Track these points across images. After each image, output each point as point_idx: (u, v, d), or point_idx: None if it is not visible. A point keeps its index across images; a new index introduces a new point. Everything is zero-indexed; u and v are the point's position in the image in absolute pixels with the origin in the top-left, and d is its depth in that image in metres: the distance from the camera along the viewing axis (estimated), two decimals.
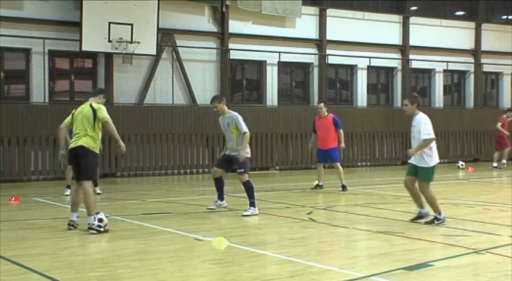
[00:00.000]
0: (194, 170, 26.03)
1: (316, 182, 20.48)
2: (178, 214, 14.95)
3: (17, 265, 9.80)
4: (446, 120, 31.69)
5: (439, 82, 33.42)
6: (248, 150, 15.56)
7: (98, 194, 18.58)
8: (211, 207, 15.73)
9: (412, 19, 31.94)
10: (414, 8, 32.29)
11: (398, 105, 31.70)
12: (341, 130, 19.94)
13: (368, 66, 30.82)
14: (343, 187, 19.66)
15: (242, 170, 15.24)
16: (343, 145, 20.22)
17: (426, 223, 13.98)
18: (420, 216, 14.13)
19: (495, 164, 28.62)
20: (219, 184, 15.78)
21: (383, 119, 30.60)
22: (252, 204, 15.15)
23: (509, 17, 36.58)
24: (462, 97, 34.56)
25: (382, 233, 12.84)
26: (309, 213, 15.34)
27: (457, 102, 34.71)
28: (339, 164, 20.08)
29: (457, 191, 20.76)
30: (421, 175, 13.99)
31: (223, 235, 11.67)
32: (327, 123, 19.84)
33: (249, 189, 15.31)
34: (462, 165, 28.21)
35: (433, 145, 14.11)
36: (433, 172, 14.20)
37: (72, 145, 12.89)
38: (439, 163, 14.56)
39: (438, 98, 33.32)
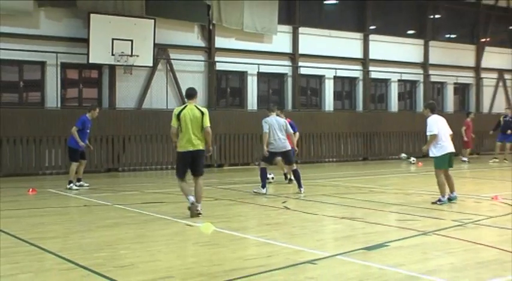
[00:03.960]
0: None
1: (289, 176, 20.55)
2: (172, 203, 14.90)
3: (35, 246, 9.85)
4: (400, 122, 31.85)
5: (394, 90, 33.53)
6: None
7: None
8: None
9: (371, 36, 32.02)
10: (373, 27, 32.32)
11: (360, 110, 31.81)
12: (297, 133, 19.67)
13: (334, 77, 30.89)
14: (286, 176, 19.93)
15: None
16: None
17: (433, 203, 14.76)
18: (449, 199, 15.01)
19: (463, 158, 29.21)
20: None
21: (347, 122, 30.63)
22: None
23: (452, 35, 36.73)
24: (413, 103, 34.69)
25: (346, 219, 12.87)
26: (284, 202, 15.35)
27: (410, 107, 34.83)
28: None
29: (409, 182, 20.84)
30: (434, 164, 15.07)
31: (210, 221, 11.67)
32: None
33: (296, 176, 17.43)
34: (414, 160, 28.29)
35: (440, 138, 14.84)
36: (443, 160, 14.90)
37: None
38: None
39: (394, 104, 33.43)
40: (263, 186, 17.13)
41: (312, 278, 8.15)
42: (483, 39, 37.19)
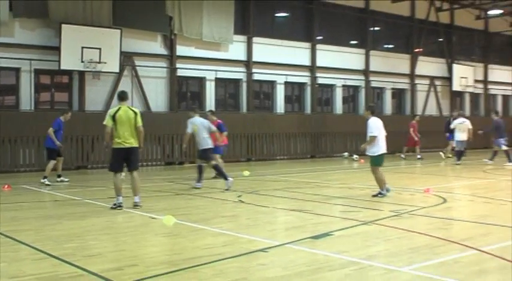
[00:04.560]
0: (149, 163, 25.86)
1: (247, 172, 20.65)
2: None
3: (9, 238, 9.74)
4: (344, 123, 32.07)
5: (338, 95, 33.73)
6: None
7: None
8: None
9: (318, 46, 32.16)
10: (320, 37, 32.45)
11: (308, 112, 31.92)
12: (225, 132, 20.08)
13: (285, 82, 30.97)
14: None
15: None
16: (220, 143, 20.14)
17: (373, 196, 14.95)
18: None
19: (402, 155, 29.52)
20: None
21: (296, 123, 30.74)
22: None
23: (389, 46, 37.07)
24: (356, 106, 34.92)
25: (295, 211, 12.91)
26: (239, 196, 15.36)
27: (352, 110, 35.03)
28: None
29: (352, 177, 21.00)
30: (371, 161, 15.25)
31: (171, 214, 11.63)
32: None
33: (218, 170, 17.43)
34: (356, 157, 28.46)
35: (378, 139, 15.11)
36: (381, 159, 15.24)
37: None
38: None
39: (338, 107, 33.62)
40: (198, 180, 17.27)
41: (263, 264, 8.18)
42: (416, 50, 37.58)
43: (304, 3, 32.04)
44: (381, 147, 15.08)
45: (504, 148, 26.12)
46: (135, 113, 13.24)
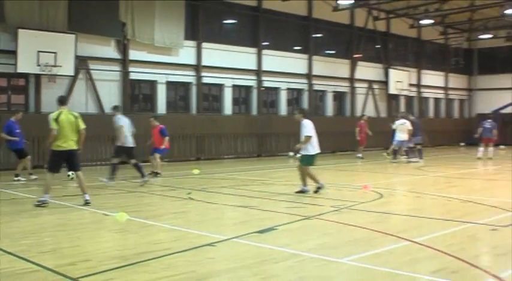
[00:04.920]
0: (103, 163, 25.54)
1: (197, 171, 20.60)
2: (90, 196, 14.61)
3: None
4: (288, 124, 32.01)
5: (283, 97, 33.80)
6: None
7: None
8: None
9: (264, 51, 32.19)
10: (265, 43, 32.48)
11: (254, 114, 31.93)
12: (167, 138, 20.08)
13: (232, 85, 30.93)
14: (156, 173, 19.78)
15: None
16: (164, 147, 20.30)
17: (315, 192, 14.95)
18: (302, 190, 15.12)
19: (359, 154, 29.66)
20: None
21: (243, 124, 30.74)
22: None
23: (331, 51, 37.32)
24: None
25: (242, 207, 12.96)
26: (189, 193, 15.28)
27: None
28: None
29: (296, 175, 20.74)
30: (303, 160, 15.22)
31: (124, 211, 11.54)
32: (156, 131, 20.14)
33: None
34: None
35: (312, 140, 15.07)
36: (313, 158, 15.16)
37: None
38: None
39: (283, 109, 33.67)
40: (111, 179, 17.12)
41: (211, 258, 8.17)
42: (356, 55, 37.90)
43: (251, 11, 32.05)
44: (314, 147, 15.13)
45: (412, 145, 27.07)
46: (75, 116, 13.26)
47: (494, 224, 10.67)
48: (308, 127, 15.06)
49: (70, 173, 18.30)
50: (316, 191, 15.00)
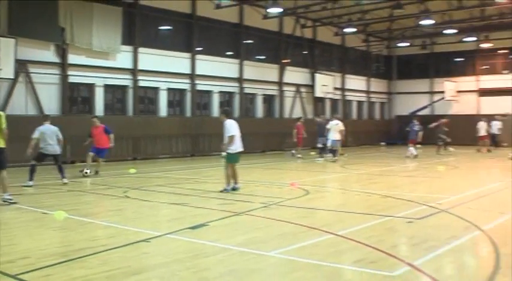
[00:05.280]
0: (42, 163, 25.03)
1: (133, 170, 20.39)
2: (29, 195, 14.33)
3: None
4: (220, 125, 31.93)
5: (216, 100, 33.72)
6: None
7: None
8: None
9: (198, 56, 32.07)
10: (199, 48, 32.38)
11: (188, 115, 31.81)
12: (112, 135, 20.03)
13: (167, 88, 30.73)
14: (96, 172, 19.69)
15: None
16: (113, 144, 20.31)
17: (220, 191, 14.84)
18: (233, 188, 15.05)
19: (298, 155, 29.37)
20: None
21: (178, 125, 30.58)
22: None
23: (261, 57, 37.44)
24: (232, 110, 34.98)
25: (176, 204, 12.89)
26: (125, 192, 15.13)
27: (231, 113, 34.99)
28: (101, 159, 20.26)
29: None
30: (227, 159, 15.23)
31: (62, 209, 11.35)
32: (100, 131, 19.90)
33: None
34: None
35: (235, 139, 15.06)
36: (237, 156, 15.21)
37: None
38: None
39: (215, 111, 33.55)
40: (30, 179, 16.68)
41: (146, 253, 8.13)
42: (284, 61, 38.14)
43: (185, 18, 31.88)
44: (237, 146, 15.15)
45: (320, 145, 27.69)
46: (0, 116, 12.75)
47: (410, 217, 10.92)
48: (230, 127, 15.08)
49: (86, 170, 18.15)
50: (222, 191, 14.88)
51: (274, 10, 31.34)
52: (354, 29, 40.22)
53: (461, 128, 40.00)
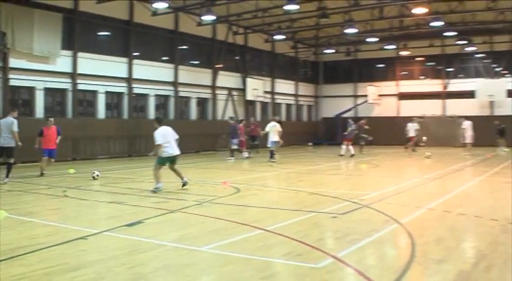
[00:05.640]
0: None
1: (72, 170, 20.04)
2: None
3: None
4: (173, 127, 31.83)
5: (152, 102, 33.44)
6: None
7: None
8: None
9: (135, 61, 31.75)
10: (136, 53, 32.06)
11: (125, 117, 31.45)
12: (60, 136, 19.96)
13: (105, 92, 30.30)
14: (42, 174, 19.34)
15: None
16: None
17: (152, 191, 14.65)
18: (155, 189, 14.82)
19: (245, 154, 29.07)
20: None
21: (115, 126, 30.21)
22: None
23: (195, 62, 37.33)
24: (167, 112, 34.75)
25: (113, 203, 12.76)
26: (64, 191, 14.86)
27: (164, 115, 34.64)
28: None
29: (164, 173, 20.81)
30: (157, 160, 15.23)
31: (2, 209, 11.09)
32: (53, 131, 19.69)
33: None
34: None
35: (165, 145, 15.00)
36: (165, 160, 15.14)
37: None
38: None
39: (152, 113, 33.29)
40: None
41: (83, 250, 8.02)
42: (217, 65, 38.17)
43: (123, 24, 31.50)
44: (166, 151, 15.07)
45: (234, 147, 27.96)
46: None
47: (334, 213, 11.12)
48: (157, 136, 15.03)
49: (95, 173, 17.76)
50: (153, 191, 14.72)
51: (208, 18, 31.35)
52: (283, 36, 40.67)
53: (382, 129, 41.03)
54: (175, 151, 15.23)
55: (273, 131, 26.50)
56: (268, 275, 6.82)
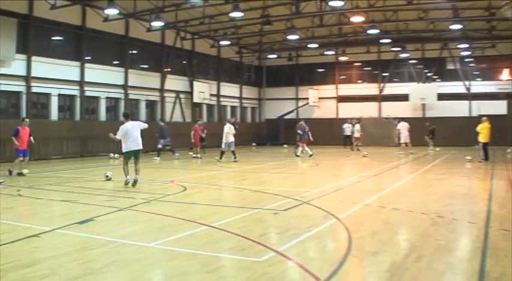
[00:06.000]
0: None
1: (26, 170, 19.75)
2: None
3: None
4: (107, 128, 31.25)
5: (103, 105, 33.03)
6: None
7: None
8: None
9: (87, 65, 31.32)
10: (88, 57, 31.62)
11: (78, 119, 31.03)
12: (31, 137, 19.91)
13: (58, 94, 29.83)
14: (10, 172, 19.31)
15: None
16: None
17: (125, 185, 15.15)
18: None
19: (197, 155, 29.09)
20: None
21: (68, 128, 29.81)
22: None
23: (144, 66, 37.05)
24: (117, 114, 34.14)
25: (65, 201, 12.64)
26: (18, 190, 14.63)
27: (115, 117, 34.16)
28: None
29: (116, 173, 20.50)
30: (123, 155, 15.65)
31: None
32: (27, 132, 19.61)
33: None
34: (117, 156, 28.07)
35: (127, 140, 15.44)
36: (128, 154, 15.55)
37: None
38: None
39: (103, 115, 32.93)
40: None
41: (36, 247, 7.95)
42: (165, 69, 37.99)
43: (76, 30, 31.02)
44: (128, 146, 15.46)
45: (160, 146, 28.32)
46: None
47: (276, 209, 11.26)
48: (121, 131, 15.47)
49: (108, 174, 17.45)
50: (132, 184, 15.10)
51: (157, 24, 31.25)
52: (228, 42, 40.77)
53: (322, 130, 41.58)
54: (135, 146, 15.47)
55: (230, 132, 26.51)
56: (213, 269, 6.90)
